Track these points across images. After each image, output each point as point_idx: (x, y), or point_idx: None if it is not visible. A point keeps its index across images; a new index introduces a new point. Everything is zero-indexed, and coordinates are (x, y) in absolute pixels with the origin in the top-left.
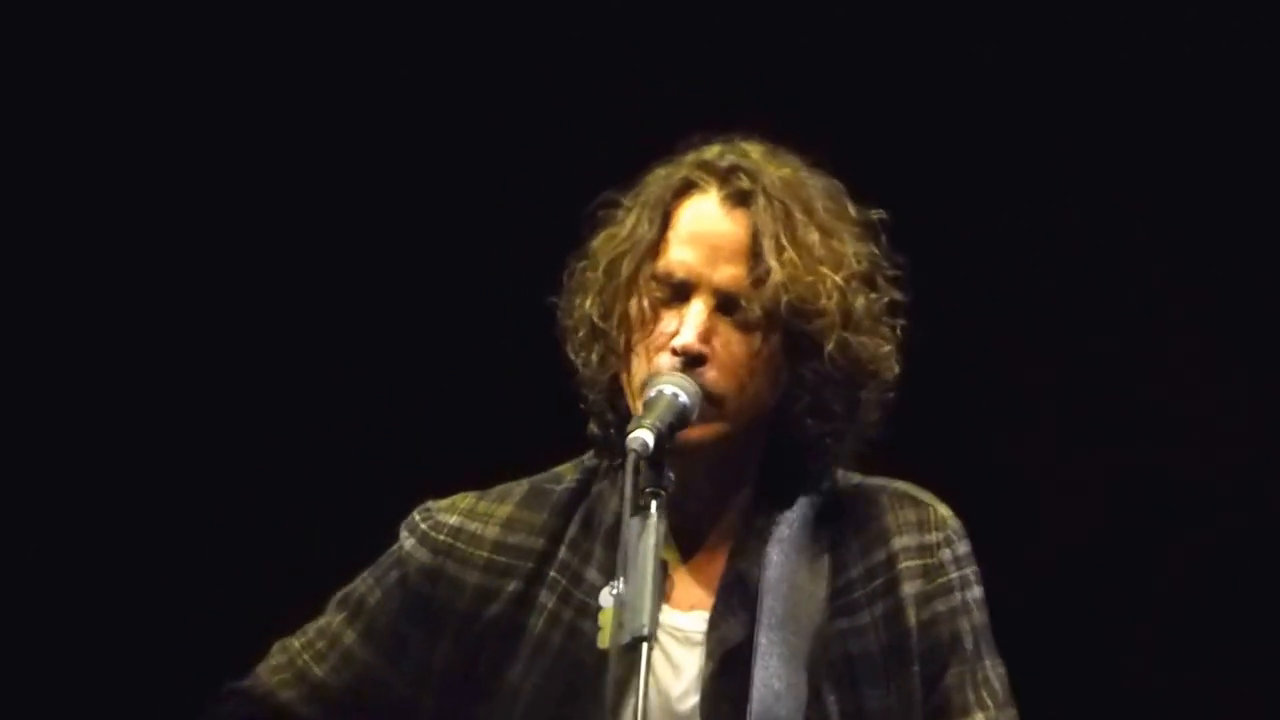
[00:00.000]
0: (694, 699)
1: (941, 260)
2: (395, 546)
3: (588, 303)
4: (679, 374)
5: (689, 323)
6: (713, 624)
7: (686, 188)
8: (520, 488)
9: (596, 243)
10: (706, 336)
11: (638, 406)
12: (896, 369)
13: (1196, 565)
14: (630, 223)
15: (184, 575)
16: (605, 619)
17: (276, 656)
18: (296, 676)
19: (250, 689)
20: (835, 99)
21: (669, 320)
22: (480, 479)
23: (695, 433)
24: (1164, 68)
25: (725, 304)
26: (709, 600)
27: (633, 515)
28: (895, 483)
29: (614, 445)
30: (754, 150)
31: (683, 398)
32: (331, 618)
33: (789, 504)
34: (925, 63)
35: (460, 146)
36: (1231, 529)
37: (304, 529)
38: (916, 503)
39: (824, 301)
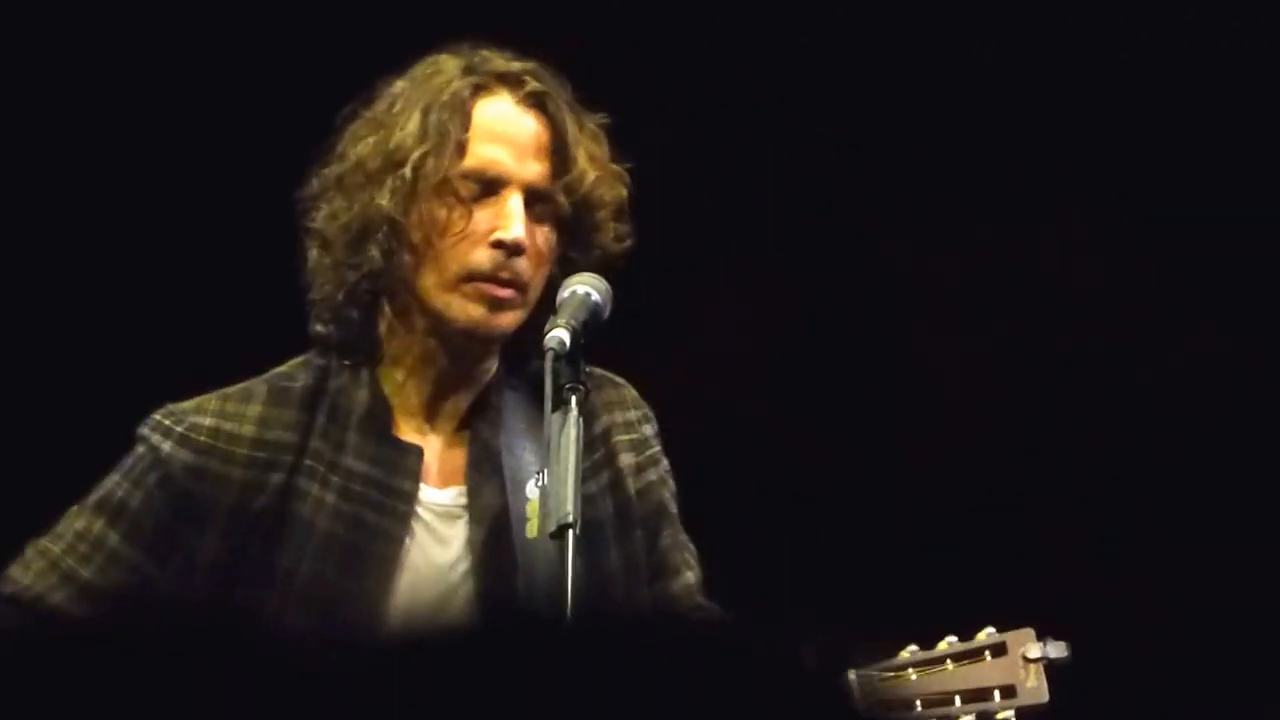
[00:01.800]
0: (463, 566)
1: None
2: (145, 450)
3: (381, 200)
4: (590, 274)
5: (514, 217)
6: (473, 494)
7: (476, 90)
8: (261, 387)
9: (362, 147)
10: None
11: (444, 299)
12: None
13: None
14: (414, 123)
15: None
16: (532, 510)
17: (36, 562)
18: (63, 579)
19: (17, 595)
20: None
21: (482, 216)
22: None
23: (505, 319)
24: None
25: (532, 198)
26: (461, 474)
27: (553, 411)
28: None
29: (354, 345)
30: (513, 56)
31: (595, 296)
32: (89, 521)
33: (516, 382)
34: None
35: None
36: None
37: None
38: (615, 384)
39: (612, 194)
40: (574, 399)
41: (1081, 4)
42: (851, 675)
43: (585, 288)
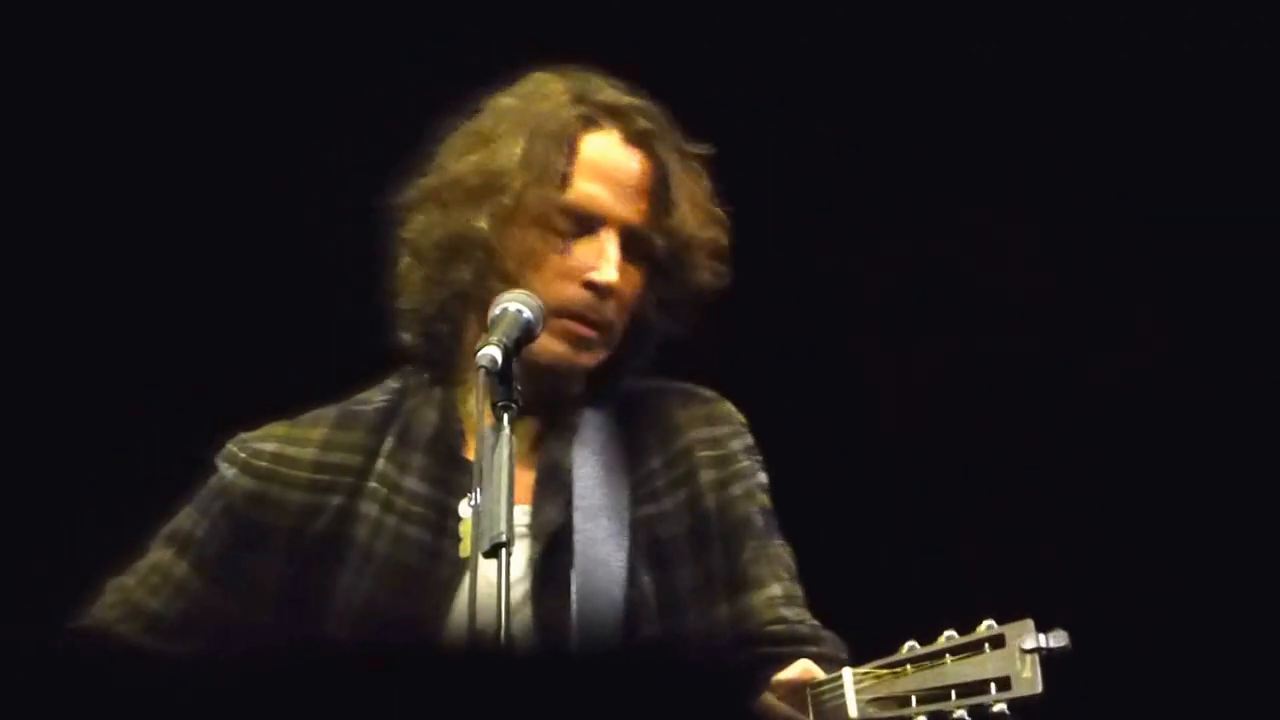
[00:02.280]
0: (524, 587)
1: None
2: (215, 478)
3: (479, 221)
4: (521, 291)
5: (609, 260)
6: (536, 510)
7: (584, 123)
8: (330, 412)
9: (462, 163)
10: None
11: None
12: None
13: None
14: (519, 148)
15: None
16: (465, 529)
17: (111, 595)
18: (132, 611)
19: (89, 628)
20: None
21: (577, 253)
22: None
23: (588, 358)
24: None
25: (628, 239)
26: (528, 494)
27: (486, 429)
28: (678, 383)
29: (437, 359)
30: (620, 85)
31: (526, 313)
32: (161, 553)
33: (592, 401)
34: None
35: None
36: (1061, 411)
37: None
38: (704, 399)
39: (710, 236)
40: (505, 416)
41: (1017, 11)
42: (847, 673)
43: (517, 304)
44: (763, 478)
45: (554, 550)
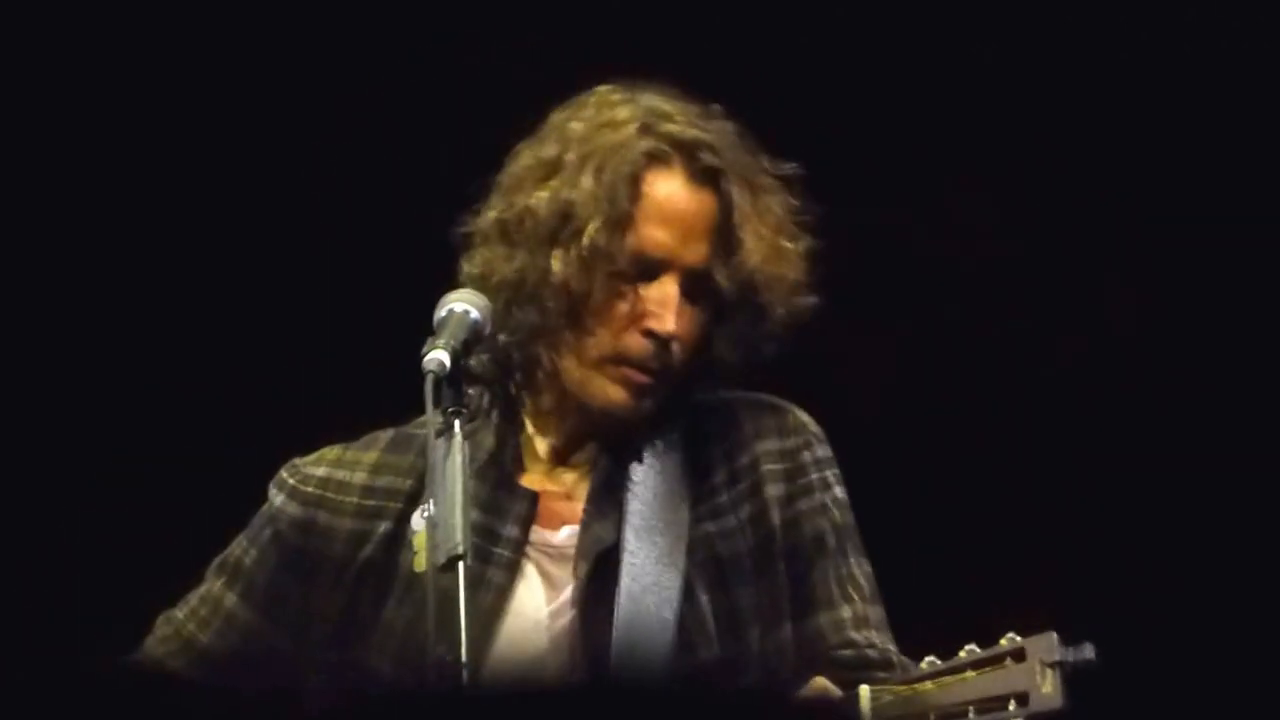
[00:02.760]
0: (574, 611)
1: None
2: (266, 505)
3: (554, 265)
4: (468, 290)
5: (670, 308)
6: (584, 527)
7: (649, 160)
8: (385, 434)
9: (532, 198)
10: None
11: (584, 375)
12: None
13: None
14: (587, 187)
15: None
16: (420, 542)
17: (161, 629)
18: (182, 646)
19: (137, 663)
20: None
21: (637, 298)
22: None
23: (646, 404)
24: None
25: (691, 281)
26: (580, 516)
27: (437, 437)
28: (751, 393)
29: (501, 385)
30: (690, 111)
31: (474, 314)
32: (211, 584)
33: (657, 418)
34: None
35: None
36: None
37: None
38: (775, 409)
39: (780, 273)
40: (457, 423)
41: None
42: (864, 692)
43: (464, 305)
44: (838, 492)
45: (602, 571)
